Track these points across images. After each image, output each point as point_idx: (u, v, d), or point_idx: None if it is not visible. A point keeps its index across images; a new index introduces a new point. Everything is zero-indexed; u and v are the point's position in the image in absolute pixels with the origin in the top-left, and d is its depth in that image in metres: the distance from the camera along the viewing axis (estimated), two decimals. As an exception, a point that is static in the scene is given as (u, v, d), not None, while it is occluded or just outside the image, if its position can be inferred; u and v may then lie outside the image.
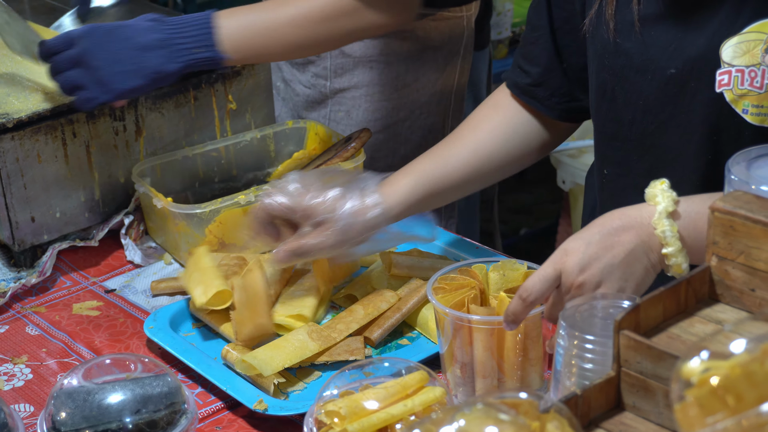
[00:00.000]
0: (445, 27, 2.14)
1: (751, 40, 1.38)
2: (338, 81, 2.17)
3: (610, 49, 1.49)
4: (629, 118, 1.51)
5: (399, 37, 2.12)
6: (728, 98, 1.41)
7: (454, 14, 2.15)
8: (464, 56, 2.19)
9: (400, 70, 2.15)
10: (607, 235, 1.32)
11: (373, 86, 2.16)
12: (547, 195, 4.21)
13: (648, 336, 1.09)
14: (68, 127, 1.80)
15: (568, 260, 1.31)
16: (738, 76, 1.39)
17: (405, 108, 2.17)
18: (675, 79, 1.44)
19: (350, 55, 2.15)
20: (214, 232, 1.78)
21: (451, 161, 1.63)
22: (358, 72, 2.16)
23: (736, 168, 1.24)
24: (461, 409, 0.90)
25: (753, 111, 1.40)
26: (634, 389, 1.09)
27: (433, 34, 2.14)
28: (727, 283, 1.14)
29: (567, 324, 1.21)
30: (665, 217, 1.32)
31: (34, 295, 1.76)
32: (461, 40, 2.17)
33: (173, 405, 1.26)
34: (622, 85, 1.50)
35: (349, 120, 2.19)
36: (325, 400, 1.26)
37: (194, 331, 1.64)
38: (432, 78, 2.17)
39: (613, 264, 1.31)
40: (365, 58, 2.14)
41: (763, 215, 1.08)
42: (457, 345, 1.41)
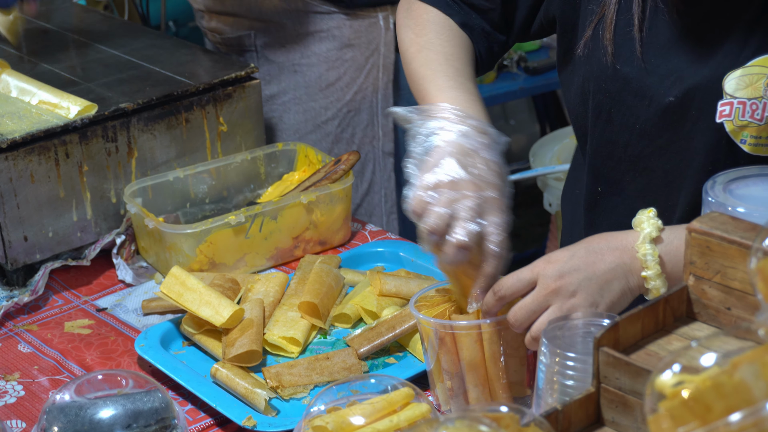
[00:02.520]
0: (360, 26, 2.24)
1: (755, 73, 1.42)
2: (268, 88, 2.27)
3: (608, 73, 1.52)
4: (625, 140, 1.54)
5: (317, 39, 2.23)
6: (728, 129, 1.44)
7: (368, 14, 2.25)
8: (385, 55, 2.28)
9: (322, 70, 2.25)
10: (592, 252, 1.37)
11: (299, 89, 2.26)
12: (535, 219, 4.23)
13: (627, 353, 1.12)
14: (61, 147, 1.82)
15: (549, 267, 1.35)
16: (740, 108, 1.43)
17: (332, 107, 2.27)
18: (674, 107, 1.47)
19: (274, 62, 2.25)
20: (204, 252, 1.81)
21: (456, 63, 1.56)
22: (284, 77, 2.26)
23: (714, 190, 1.28)
24: (444, 422, 0.93)
25: (751, 141, 1.43)
26: (613, 405, 1.12)
27: (348, 33, 2.24)
28: (704, 302, 1.17)
29: (548, 342, 1.23)
30: (648, 242, 1.35)
31: (26, 314, 1.79)
32: (379, 38, 2.26)
33: (164, 420, 1.28)
34: (619, 108, 1.53)
35: (283, 124, 2.29)
36: (312, 416, 1.28)
37: (184, 350, 1.66)
38: (353, 76, 2.26)
39: (591, 278, 1.35)
40: (288, 62, 2.25)
41: (739, 236, 1.12)
42: (443, 357, 1.43)
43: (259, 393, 1.49)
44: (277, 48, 2.25)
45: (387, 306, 1.69)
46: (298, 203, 1.86)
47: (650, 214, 1.38)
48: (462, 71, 1.56)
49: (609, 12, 1.51)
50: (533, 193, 3.58)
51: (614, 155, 1.57)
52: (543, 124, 4.15)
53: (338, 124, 2.29)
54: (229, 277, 1.77)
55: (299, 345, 1.64)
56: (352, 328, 1.71)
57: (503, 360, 1.42)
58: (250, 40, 2.26)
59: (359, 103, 2.29)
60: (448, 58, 1.57)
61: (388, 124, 2.33)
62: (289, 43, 2.24)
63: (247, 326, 1.61)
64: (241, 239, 1.83)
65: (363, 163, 2.33)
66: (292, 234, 1.89)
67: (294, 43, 2.24)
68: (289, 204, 1.86)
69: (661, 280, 1.36)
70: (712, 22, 1.44)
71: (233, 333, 1.60)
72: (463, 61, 1.58)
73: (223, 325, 1.60)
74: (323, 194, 1.88)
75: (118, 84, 1.98)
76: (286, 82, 2.27)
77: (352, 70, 2.26)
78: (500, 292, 1.37)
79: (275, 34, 2.24)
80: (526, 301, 1.36)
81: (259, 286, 1.76)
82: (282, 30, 2.23)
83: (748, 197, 1.26)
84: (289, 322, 1.66)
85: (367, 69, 2.28)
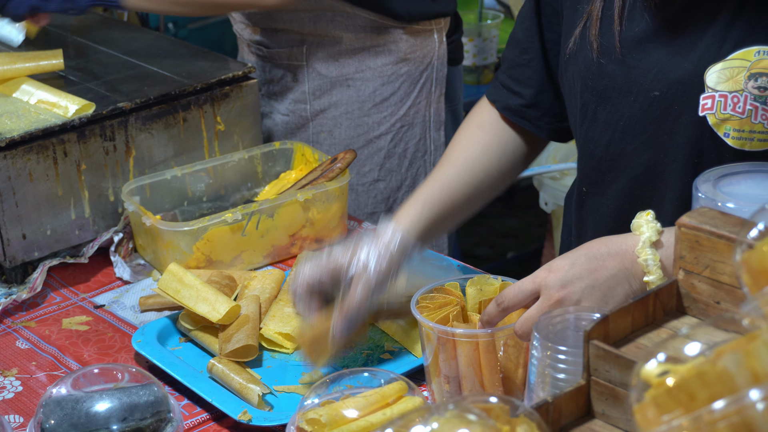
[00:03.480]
0: (415, 40, 2.22)
1: (735, 66, 1.43)
2: (317, 103, 2.24)
3: (594, 70, 1.53)
4: (607, 139, 1.55)
5: (372, 53, 2.20)
6: (711, 122, 1.45)
7: (423, 27, 2.23)
8: (438, 68, 2.27)
9: (376, 84, 2.22)
10: (593, 258, 1.37)
11: (352, 103, 2.23)
12: (534, 219, 4.25)
13: (617, 346, 1.13)
14: (59, 146, 1.84)
15: (551, 276, 1.35)
16: (721, 101, 1.44)
17: (385, 122, 2.25)
18: (658, 102, 1.48)
19: (326, 76, 2.22)
20: (201, 249, 1.82)
21: (451, 184, 1.66)
22: (336, 91, 2.23)
23: (704, 186, 1.29)
24: (434, 411, 0.94)
25: (734, 135, 1.44)
26: (603, 397, 1.13)
27: (405, 47, 2.22)
28: (693, 296, 1.18)
29: (540, 335, 1.25)
30: (648, 246, 1.36)
31: (24, 310, 1.80)
32: (433, 53, 2.25)
33: (159, 413, 1.30)
34: (605, 106, 1.54)
35: (332, 139, 2.25)
36: (306, 409, 1.30)
37: (181, 346, 1.68)
38: (408, 90, 2.25)
39: (594, 285, 1.35)
40: (341, 77, 2.22)
41: (727, 230, 1.13)
42: (441, 358, 1.45)
43: (252, 388, 1.50)
44: (331, 62, 2.22)
45: None
46: (295, 201, 1.88)
47: (648, 217, 1.38)
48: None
49: (595, 9, 1.52)
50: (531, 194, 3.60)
51: (596, 155, 1.58)
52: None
53: (391, 139, 2.27)
54: (226, 274, 1.78)
55: (295, 341, 1.65)
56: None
57: (500, 368, 1.43)
58: (302, 54, 2.23)
59: (412, 118, 2.27)
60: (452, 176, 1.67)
61: (440, 138, 2.32)
62: (343, 58, 2.21)
63: (244, 322, 1.62)
64: (238, 237, 1.85)
65: (414, 177, 2.31)
66: (288, 232, 1.90)
67: (348, 58, 2.21)
68: (285, 202, 1.87)
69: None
70: (690, 15, 1.45)
71: (230, 329, 1.61)
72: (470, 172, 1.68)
73: (219, 321, 1.61)
74: (320, 192, 1.90)
75: (116, 83, 2.00)
76: (338, 96, 2.24)
77: (406, 85, 2.25)
78: (503, 303, 1.38)
79: (329, 48, 2.21)
80: (531, 312, 1.36)
81: (255, 283, 1.77)
82: (337, 44, 2.21)
83: (738, 193, 1.27)
84: (285, 318, 1.67)
85: (421, 83, 2.26)
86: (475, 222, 4.10)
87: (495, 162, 1.69)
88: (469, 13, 3.68)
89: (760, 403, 0.76)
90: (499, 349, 1.43)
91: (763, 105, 1.42)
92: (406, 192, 2.31)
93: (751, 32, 1.42)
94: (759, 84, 1.42)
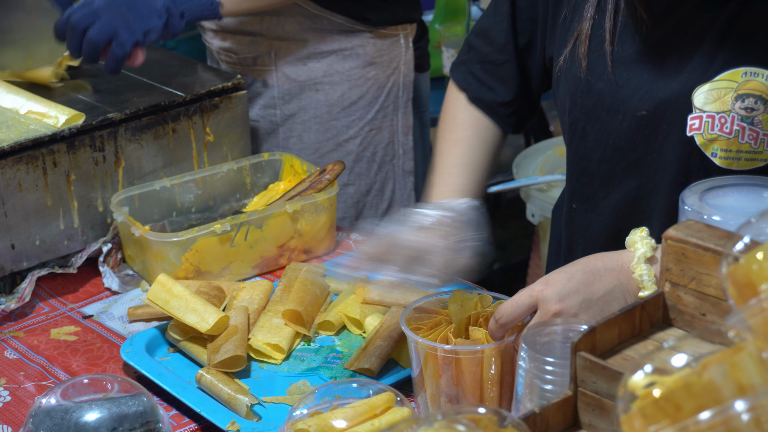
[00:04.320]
0: (383, 44, 2.25)
1: (722, 87, 1.45)
2: (287, 107, 2.27)
3: (583, 87, 1.55)
4: (598, 155, 1.57)
5: (339, 57, 2.23)
6: (698, 142, 1.47)
7: (390, 32, 2.26)
8: (405, 74, 2.30)
9: (344, 88, 2.25)
10: (589, 273, 1.38)
11: (321, 107, 2.26)
12: (520, 230, 4.26)
13: (604, 357, 1.14)
14: (49, 157, 1.84)
15: (547, 290, 1.36)
16: (709, 122, 1.46)
17: (353, 125, 2.28)
18: (646, 121, 1.50)
19: (295, 80, 2.25)
20: (190, 260, 1.82)
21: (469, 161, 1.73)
22: (305, 96, 2.26)
23: (690, 199, 1.31)
24: (423, 422, 0.95)
25: (722, 155, 1.46)
26: (590, 408, 1.14)
27: (372, 51, 2.25)
28: (679, 308, 1.20)
29: (528, 347, 1.26)
30: (643, 262, 1.37)
31: (12, 320, 1.80)
32: (400, 57, 2.28)
33: (148, 424, 1.30)
34: (594, 123, 1.56)
35: (302, 144, 2.28)
36: (295, 420, 1.30)
37: (169, 356, 1.68)
38: (375, 94, 2.27)
39: (591, 300, 1.36)
40: (310, 81, 2.24)
41: (713, 243, 1.14)
42: (443, 380, 1.45)
43: (240, 399, 1.51)
44: (299, 66, 2.24)
45: (370, 314, 1.71)
46: (283, 212, 1.89)
47: (642, 233, 1.39)
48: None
49: (585, 28, 1.54)
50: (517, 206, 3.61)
51: (588, 171, 1.60)
52: (527, 136, 4.18)
53: (360, 143, 2.29)
54: (214, 284, 1.79)
55: (283, 352, 1.66)
56: (335, 335, 1.73)
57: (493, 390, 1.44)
58: (270, 59, 2.25)
59: (381, 122, 2.30)
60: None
61: (408, 143, 2.34)
62: (311, 62, 2.24)
63: (232, 332, 1.62)
64: (227, 248, 1.85)
65: (383, 181, 2.33)
66: (277, 243, 1.91)
67: (317, 62, 2.23)
68: (274, 213, 1.88)
69: None
70: (680, 37, 1.48)
71: (218, 339, 1.62)
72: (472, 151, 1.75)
73: (208, 331, 1.62)
74: (308, 203, 1.91)
75: (105, 94, 2.00)
76: (307, 100, 2.26)
77: (374, 89, 2.27)
78: (501, 319, 1.39)
79: (297, 52, 2.23)
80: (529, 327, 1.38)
81: (244, 293, 1.78)
82: (304, 48, 2.22)
83: (724, 206, 1.29)
84: (274, 329, 1.68)
85: (388, 87, 2.29)
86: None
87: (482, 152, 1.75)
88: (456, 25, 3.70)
89: (745, 414, 0.78)
90: (490, 366, 1.43)
91: (750, 125, 1.44)
92: (375, 196, 2.33)
93: (737, 54, 1.44)
94: (746, 105, 1.43)
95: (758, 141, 1.44)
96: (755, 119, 1.43)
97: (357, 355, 1.63)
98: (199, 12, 2.01)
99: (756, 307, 0.85)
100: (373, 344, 1.63)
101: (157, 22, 1.94)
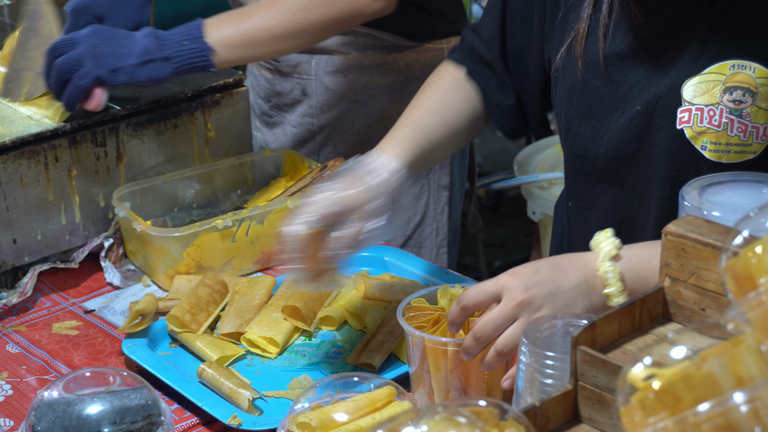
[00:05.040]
0: (426, 59, 2.20)
1: (711, 80, 1.46)
2: (324, 117, 2.23)
3: (579, 86, 1.57)
4: (593, 153, 1.58)
5: (381, 71, 2.18)
6: (688, 135, 1.48)
7: (435, 46, 2.21)
8: None
9: (384, 102, 2.20)
10: (555, 268, 1.39)
11: (359, 120, 2.21)
12: (521, 229, 4.27)
13: (604, 352, 1.15)
14: (51, 152, 1.85)
15: (513, 280, 1.37)
16: (698, 114, 1.47)
17: None
18: (640, 116, 1.52)
19: (335, 91, 2.20)
20: (191, 255, 1.83)
21: (428, 127, 1.68)
22: (344, 107, 2.21)
23: (690, 195, 1.31)
24: (424, 414, 0.95)
25: (711, 147, 1.47)
26: (590, 402, 1.14)
27: (415, 66, 2.20)
28: (679, 303, 1.20)
29: (529, 342, 1.26)
30: (608, 260, 1.39)
31: (14, 315, 1.81)
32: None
33: (150, 417, 1.31)
34: (589, 121, 1.57)
35: (337, 154, 2.24)
36: (296, 413, 1.31)
37: (171, 350, 1.69)
38: None
39: (556, 294, 1.37)
40: (350, 92, 2.20)
41: (713, 238, 1.15)
42: (425, 368, 1.46)
43: (242, 393, 1.52)
44: (339, 78, 2.19)
45: (371, 309, 1.72)
46: (285, 208, 1.89)
47: (607, 234, 1.41)
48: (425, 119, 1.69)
49: (582, 27, 1.56)
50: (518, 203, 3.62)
51: (583, 169, 1.61)
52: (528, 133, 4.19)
53: None
54: (219, 279, 1.79)
55: (278, 346, 1.66)
56: (336, 330, 1.73)
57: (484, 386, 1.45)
58: (310, 69, 2.21)
59: None
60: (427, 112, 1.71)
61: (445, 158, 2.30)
62: (352, 74, 2.19)
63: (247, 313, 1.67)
64: (228, 243, 1.86)
65: (417, 195, 2.27)
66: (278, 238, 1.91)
67: (357, 74, 2.19)
68: (275, 209, 1.88)
69: (624, 297, 1.38)
70: (671, 33, 1.49)
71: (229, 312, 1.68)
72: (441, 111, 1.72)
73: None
74: (309, 199, 1.91)
75: (108, 89, 2.00)
76: (345, 112, 2.21)
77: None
78: (463, 302, 1.39)
79: (338, 63, 2.19)
80: (492, 314, 1.37)
81: (245, 289, 1.79)
82: (346, 60, 2.18)
83: (723, 202, 1.30)
84: (272, 323, 1.68)
85: None
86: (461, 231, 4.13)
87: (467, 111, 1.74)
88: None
89: (744, 405, 0.78)
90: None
91: (739, 118, 1.45)
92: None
93: (725, 47, 1.46)
94: (734, 97, 1.45)
95: (747, 133, 1.45)
96: (743, 112, 1.45)
97: (359, 350, 1.63)
98: (188, 59, 1.83)
99: (755, 300, 0.85)
100: (374, 340, 1.63)
101: (130, 62, 1.81)
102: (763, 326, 0.85)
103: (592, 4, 1.55)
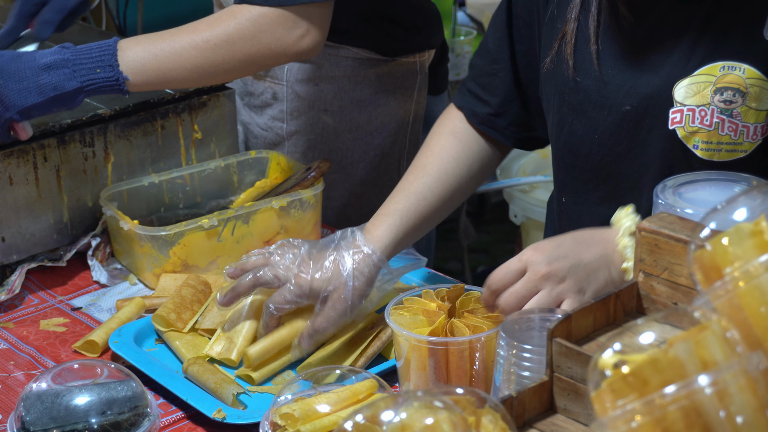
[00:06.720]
0: (398, 72, 2.20)
1: (701, 81, 1.50)
2: (294, 123, 2.22)
3: (570, 86, 1.60)
4: (586, 150, 1.62)
5: (352, 82, 2.18)
6: (680, 135, 1.52)
7: (407, 60, 2.21)
8: (418, 100, 2.25)
9: (353, 113, 2.20)
10: (578, 242, 1.45)
11: (328, 129, 2.21)
12: (504, 235, 4.30)
13: (579, 344, 1.19)
14: (39, 151, 1.87)
15: (537, 254, 1.42)
16: (689, 115, 1.51)
17: (359, 149, 2.23)
18: (630, 116, 1.55)
19: (305, 99, 2.20)
20: (178, 254, 1.86)
21: (425, 194, 1.71)
22: (313, 115, 2.21)
23: (664, 193, 1.35)
24: (404, 400, 0.98)
25: (703, 147, 1.51)
26: (565, 393, 1.18)
27: (386, 79, 2.20)
28: (652, 298, 1.24)
29: (506, 335, 1.30)
30: (628, 235, 1.43)
31: (2, 312, 1.83)
32: (414, 84, 2.23)
33: (137, 408, 1.34)
34: (581, 119, 1.61)
35: (305, 161, 2.24)
36: (280, 405, 1.34)
37: (157, 347, 1.71)
38: (385, 120, 2.22)
39: (578, 265, 1.42)
40: (319, 101, 2.20)
41: (685, 234, 1.18)
42: (411, 366, 1.49)
43: (227, 388, 1.54)
44: (310, 85, 2.19)
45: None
46: (270, 208, 1.92)
47: (629, 210, 1.46)
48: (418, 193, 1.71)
49: (570, 28, 1.59)
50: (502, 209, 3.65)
51: (576, 166, 1.64)
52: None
53: (364, 167, 2.24)
54: (202, 278, 1.82)
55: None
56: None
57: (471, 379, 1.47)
58: (282, 75, 2.19)
59: (389, 148, 2.24)
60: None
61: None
62: (322, 83, 2.18)
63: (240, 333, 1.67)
64: (214, 242, 1.89)
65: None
66: (263, 238, 1.94)
67: (328, 84, 2.18)
68: (260, 209, 1.91)
69: None
70: (660, 34, 1.53)
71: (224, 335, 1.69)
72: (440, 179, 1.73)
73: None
74: (294, 200, 1.94)
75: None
76: (314, 120, 2.21)
77: (384, 115, 2.21)
78: (492, 285, 1.43)
79: (309, 71, 2.18)
80: (516, 287, 1.42)
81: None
82: (319, 70, 2.17)
83: (697, 200, 1.33)
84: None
85: (400, 114, 2.23)
86: (445, 237, 4.16)
87: (466, 170, 1.75)
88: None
89: (708, 388, 0.82)
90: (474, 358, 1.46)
91: (729, 117, 1.49)
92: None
93: (715, 49, 1.49)
94: (724, 98, 1.49)
95: (737, 132, 1.49)
96: (734, 111, 1.49)
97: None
98: (100, 87, 1.76)
99: (721, 289, 0.89)
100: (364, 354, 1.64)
101: (38, 99, 1.73)
102: (729, 314, 0.88)
103: (579, 5, 1.58)
